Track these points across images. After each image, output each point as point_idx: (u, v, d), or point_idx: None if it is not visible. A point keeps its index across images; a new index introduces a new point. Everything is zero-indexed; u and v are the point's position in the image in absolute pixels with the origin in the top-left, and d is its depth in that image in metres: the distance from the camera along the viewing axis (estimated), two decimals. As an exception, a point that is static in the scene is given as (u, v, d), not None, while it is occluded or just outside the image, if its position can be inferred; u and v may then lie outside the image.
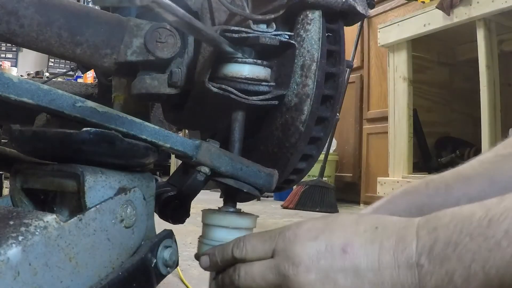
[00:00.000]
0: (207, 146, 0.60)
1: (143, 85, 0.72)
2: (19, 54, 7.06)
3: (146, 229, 0.57)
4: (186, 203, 0.71)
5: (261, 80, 0.69)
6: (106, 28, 0.71)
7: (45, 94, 0.49)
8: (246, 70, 0.67)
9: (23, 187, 0.56)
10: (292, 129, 0.69)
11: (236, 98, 0.66)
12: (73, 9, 0.70)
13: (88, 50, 0.70)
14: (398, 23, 2.73)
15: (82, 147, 0.51)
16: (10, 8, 0.64)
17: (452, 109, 3.20)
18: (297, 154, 0.71)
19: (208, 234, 0.68)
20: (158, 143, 0.57)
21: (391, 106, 2.82)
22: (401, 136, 2.73)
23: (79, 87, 1.20)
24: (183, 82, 0.73)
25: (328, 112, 0.72)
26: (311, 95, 0.68)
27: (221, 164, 0.61)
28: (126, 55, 0.71)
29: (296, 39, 0.70)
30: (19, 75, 1.04)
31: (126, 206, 0.53)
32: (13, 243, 0.41)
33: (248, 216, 0.68)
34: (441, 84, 3.13)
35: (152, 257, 0.56)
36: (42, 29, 0.67)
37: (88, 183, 0.50)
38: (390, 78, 2.83)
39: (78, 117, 0.51)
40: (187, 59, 0.74)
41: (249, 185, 0.65)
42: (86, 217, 0.49)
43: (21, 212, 0.46)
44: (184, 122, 0.89)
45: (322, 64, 0.68)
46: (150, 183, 0.60)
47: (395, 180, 2.69)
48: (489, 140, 2.20)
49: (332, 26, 0.72)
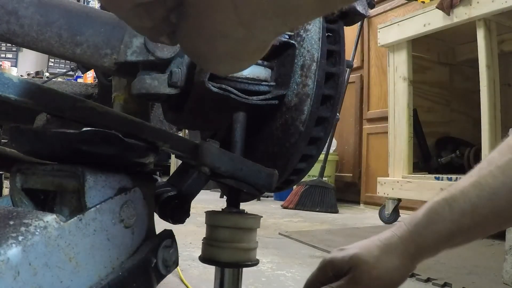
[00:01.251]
0: (207, 146, 0.60)
1: (143, 85, 0.72)
2: (19, 54, 7.06)
3: (146, 229, 0.57)
4: (186, 203, 0.71)
5: (262, 80, 0.69)
6: (106, 28, 0.71)
7: (45, 94, 0.49)
8: (246, 70, 0.67)
9: (23, 187, 0.56)
10: (292, 129, 0.69)
11: (236, 98, 0.66)
12: (73, 9, 0.70)
13: (88, 50, 0.70)
14: (398, 23, 2.72)
15: (82, 147, 0.51)
16: (10, 8, 0.64)
17: (452, 109, 3.19)
18: (297, 154, 0.71)
19: (213, 235, 0.68)
20: (158, 143, 0.57)
21: (391, 106, 2.82)
22: (401, 136, 2.73)
23: (79, 87, 1.20)
24: (183, 82, 0.73)
25: (328, 112, 0.72)
26: (311, 95, 0.68)
27: (221, 164, 0.61)
28: (126, 55, 0.71)
29: (296, 39, 0.70)
30: (19, 75, 1.04)
31: (126, 206, 0.53)
32: (13, 243, 0.41)
33: (252, 217, 0.68)
34: (441, 84, 3.13)
35: (152, 257, 0.56)
36: (42, 29, 0.67)
37: (88, 183, 0.50)
38: (390, 78, 2.83)
39: (78, 117, 0.51)
40: (187, 59, 0.74)
41: (249, 185, 0.65)
42: (86, 217, 0.49)
43: (21, 212, 0.46)
44: (184, 122, 0.89)
45: (322, 64, 0.68)
46: (150, 183, 0.59)
47: (395, 180, 2.69)
48: (489, 140, 2.20)
49: (332, 26, 0.72)
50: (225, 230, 0.67)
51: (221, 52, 0.34)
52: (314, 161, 0.76)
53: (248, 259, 0.69)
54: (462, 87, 3.17)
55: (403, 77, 2.72)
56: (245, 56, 0.35)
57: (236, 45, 0.33)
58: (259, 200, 3.85)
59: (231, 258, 0.67)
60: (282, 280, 1.39)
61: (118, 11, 0.33)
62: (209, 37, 0.33)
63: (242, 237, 0.68)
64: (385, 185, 2.75)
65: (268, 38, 0.33)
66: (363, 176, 3.79)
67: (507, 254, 1.30)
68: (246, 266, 0.69)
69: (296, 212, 3.32)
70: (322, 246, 1.91)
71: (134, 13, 0.32)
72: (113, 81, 0.93)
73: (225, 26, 0.31)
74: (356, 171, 3.97)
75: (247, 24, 0.30)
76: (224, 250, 0.67)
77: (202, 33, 0.33)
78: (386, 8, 3.62)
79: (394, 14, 3.40)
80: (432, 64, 3.08)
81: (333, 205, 3.42)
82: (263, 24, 0.30)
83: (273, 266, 1.55)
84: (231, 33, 0.32)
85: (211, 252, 0.68)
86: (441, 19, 2.41)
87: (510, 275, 1.29)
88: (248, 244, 0.69)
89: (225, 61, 0.35)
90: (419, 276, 1.40)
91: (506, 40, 2.61)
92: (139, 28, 0.34)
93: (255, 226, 0.69)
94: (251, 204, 3.23)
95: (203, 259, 0.70)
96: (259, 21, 0.30)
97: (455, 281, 1.35)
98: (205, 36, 0.33)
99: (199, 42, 0.34)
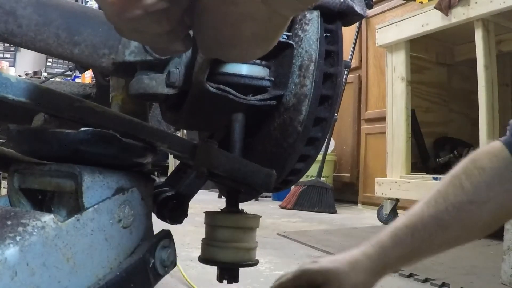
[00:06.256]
0: (205, 146, 0.60)
1: (141, 85, 0.72)
2: (17, 54, 7.04)
3: (144, 229, 0.57)
4: (184, 203, 0.71)
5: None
6: (104, 28, 0.71)
7: (43, 94, 0.49)
8: (244, 69, 0.67)
9: (21, 187, 0.56)
10: (290, 130, 0.69)
11: (234, 98, 0.66)
12: (71, 9, 0.70)
13: (86, 50, 0.70)
14: (396, 23, 2.73)
15: (80, 147, 0.51)
16: (8, 8, 0.64)
17: (450, 109, 3.20)
18: (295, 154, 0.71)
19: (212, 235, 0.68)
20: (156, 143, 0.57)
21: (389, 106, 2.82)
22: (399, 136, 2.73)
23: (77, 87, 1.20)
24: (181, 82, 0.73)
25: (326, 113, 0.72)
26: (309, 96, 0.68)
27: (219, 164, 0.61)
28: (124, 55, 0.71)
29: (294, 39, 0.70)
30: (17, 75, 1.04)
31: (124, 206, 0.53)
32: (11, 243, 0.41)
33: (252, 216, 0.68)
34: (439, 84, 3.14)
35: (150, 257, 0.56)
36: (40, 29, 0.67)
37: (86, 183, 0.50)
38: (388, 78, 2.83)
39: (76, 117, 0.51)
40: (185, 59, 0.74)
41: (247, 186, 0.65)
42: (84, 217, 0.49)
43: (19, 212, 0.46)
44: (182, 122, 0.89)
45: (320, 64, 0.69)
46: (148, 183, 0.59)
47: (393, 180, 2.69)
48: (487, 140, 2.20)
49: (330, 26, 0.72)
50: (224, 230, 0.67)
51: (248, 34, 0.35)
52: (312, 161, 0.76)
53: (247, 259, 0.69)
54: (460, 87, 3.17)
55: (401, 77, 2.72)
56: (270, 34, 0.37)
57: (261, 24, 0.35)
58: (257, 200, 3.85)
59: (231, 258, 0.67)
60: (280, 280, 1.38)
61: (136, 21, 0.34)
62: (234, 21, 0.34)
63: (242, 237, 0.68)
64: (383, 185, 2.75)
65: (288, 13, 0.35)
66: (361, 176, 3.79)
67: (505, 255, 1.30)
68: (246, 266, 0.69)
69: (294, 212, 3.32)
70: (320, 246, 1.91)
71: (152, 19, 0.33)
72: (111, 81, 0.93)
73: (248, 7, 0.33)
74: (354, 171, 3.97)
75: (269, 0, 0.33)
76: (223, 250, 0.67)
77: (227, 20, 0.34)
78: (384, 8, 3.62)
79: (393, 15, 3.40)
80: (430, 64, 3.08)
81: (331, 205, 3.42)
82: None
83: (271, 266, 1.55)
84: (255, 13, 0.34)
85: (211, 252, 0.68)
86: (439, 19, 2.42)
87: (508, 275, 1.29)
88: (248, 244, 0.69)
89: (251, 44, 0.37)
90: (417, 276, 1.40)
91: (504, 41, 2.61)
92: (156, 36, 0.36)
93: (255, 226, 0.69)
94: (249, 204, 3.22)
95: (202, 259, 0.70)
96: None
97: (453, 281, 1.35)
98: (230, 22, 0.34)
99: (224, 30, 0.35)
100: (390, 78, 2.82)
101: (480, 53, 2.24)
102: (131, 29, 0.35)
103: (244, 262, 0.68)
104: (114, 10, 0.33)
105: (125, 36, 0.39)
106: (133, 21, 0.34)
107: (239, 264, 0.68)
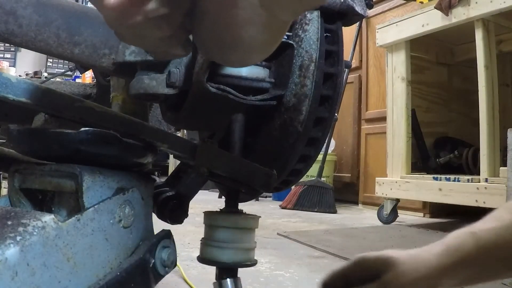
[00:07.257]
0: (205, 146, 0.60)
1: (141, 85, 0.72)
2: (17, 54, 7.05)
3: (144, 229, 0.57)
4: (184, 203, 0.71)
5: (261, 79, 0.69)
6: (104, 28, 0.71)
7: (43, 94, 0.49)
8: (244, 70, 0.67)
9: (21, 187, 0.56)
10: (291, 130, 0.69)
11: (234, 98, 0.66)
12: (71, 9, 0.70)
13: (87, 50, 0.70)
14: (396, 23, 2.73)
15: (80, 147, 0.51)
16: (8, 8, 0.64)
17: (450, 109, 3.20)
18: (295, 154, 0.71)
19: (211, 235, 0.68)
20: (157, 143, 0.57)
21: (390, 106, 2.82)
22: (399, 136, 2.73)
23: (78, 87, 1.20)
24: (181, 82, 0.73)
25: (326, 113, 0.72)
26: (310, 96, 0.68)
27: (219, 164, 0.61)
28: (124, 55, 0.71)
29: (294, 39, 0.70)
30: (17, 75, 1.04)
31: (124, 206, 0.53)
32: (11, 243, 0.41)
33: (251, 217, 0.68)
34: (439, 84, 3.14)
35: (150, 258, 0.56)
36: (40, 29, 0.67)
37: (86, 183, 0.50)
38: (389, 78, 2.83)
39: (76, 117, 0.51)
40: (185, 59, 0.74)
41: (247, 186, 0.65)
42: (84, 217, 0.49)
43: (19, 212, 0.46)
44: (183, 122, 0.89)
45: (320, 64, 0.68)
46: (148, 183, 0.59)
47: (393, 180, 2.69)
48: (487, 140, 2.20)
49: (331, 26, 0.72)
50: (223, 230, 0.67)
51: (247, 39, 0.35)
52: (312, 161, 0.76)
53: (246, 259, 0.69)
54: (460, 88, 3.17)
55: (401, 77, 2.72)
56: (270, 39, 0.37)
57: (261, 28, 0.35)
58: (257, 200, 3.85)
59: (230, 258, 0.67)
60: (281, 281, 1.39)
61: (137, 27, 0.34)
62: (234, 26, 0.34)
63: (241, 237, 0.68)
64: (383, 185, 2.75)
65: (288, 17, 0.35)
66: (362, 176, 3.79)
67: (505, 254, 1.30)
68: (244, 266, 0.69)
69: (295, 212, 3.32)
70: (321, 246, 1.91)
71: (153, 24, 0.33)
72: (111, 81, 0.93)
73: (248, 12, 0.33)
74: (354, 171, 3.98)
75: (268, 5, 0.33)
76: (222, 250, 0.67)
77: (226, 25, 0.34)
78: (384, 8, 3.62)
79: (393, 15, 3.40)
80: (431, 65, 3.08)
81: (331, 205, 3.42)
82: (282, 3, 0.33)
83: (271, 266, 1.55)
84: (254, 18, 0.34)
85: (210, 252, 0.68)
86: (440, 19, 2.42)
87: (508, 275, 1.29)
88: (247, 244, 0.69)
89: (251, 48, 0.37)
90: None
91: (505, 41, 2.61)
92: (157, 41, 0.36)
93: (254, 226, 0.69)
94: (250, 204, 3.23)
95: (201, 259, 0.70)
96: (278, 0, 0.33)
97: (453, 281, 1.35)
98: (229, 26, 0.34)
99: (223, 34, 0.35)
100: (390, 78, 2.82)
101: (480, 53, 2.24)
102: (132, 34, 0.35)
103: (243, 262, 0.68)
104: (114, 16, 0.33)
105: (125, 41, 0.39)
106: (134, 27, 0.34)
107: (238, 264, 0.68)
